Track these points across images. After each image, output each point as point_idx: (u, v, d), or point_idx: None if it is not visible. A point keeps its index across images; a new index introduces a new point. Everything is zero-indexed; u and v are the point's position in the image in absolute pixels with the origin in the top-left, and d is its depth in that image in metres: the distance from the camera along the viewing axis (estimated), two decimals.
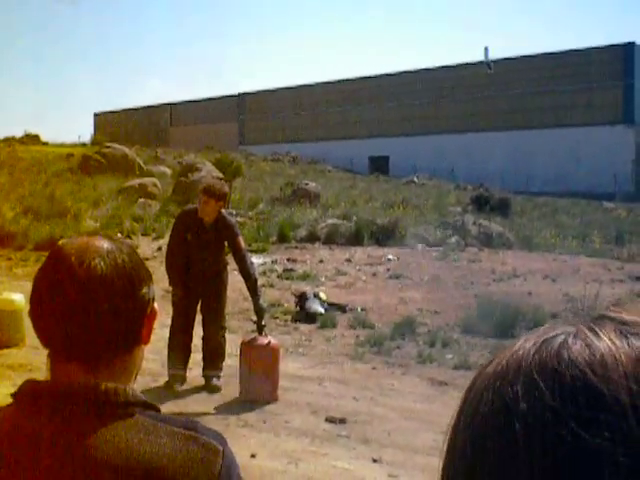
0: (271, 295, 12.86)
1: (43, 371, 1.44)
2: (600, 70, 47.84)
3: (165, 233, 8.31)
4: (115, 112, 79.17)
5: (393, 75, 59.69)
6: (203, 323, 8.19)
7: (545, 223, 24.40)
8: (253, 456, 6.09)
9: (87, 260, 1.36)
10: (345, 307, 12.15)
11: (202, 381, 8.07)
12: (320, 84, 64.19)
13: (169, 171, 29.48)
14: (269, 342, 7.73)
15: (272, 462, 6.05)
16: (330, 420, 7.09)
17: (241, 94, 70.17)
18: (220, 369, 8.14)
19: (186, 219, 8.02)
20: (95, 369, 1.37)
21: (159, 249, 14.88)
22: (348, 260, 16.39)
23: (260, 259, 15.98)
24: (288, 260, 16.17)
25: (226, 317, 8.67)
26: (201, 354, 8.19)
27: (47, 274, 1.39)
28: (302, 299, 11.90)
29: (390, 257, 16.70)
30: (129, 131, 66.36)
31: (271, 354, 7.69)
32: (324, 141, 59.09)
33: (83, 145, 45.12)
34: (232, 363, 8.10)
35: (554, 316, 10.95)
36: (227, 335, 8.58)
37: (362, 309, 12.17)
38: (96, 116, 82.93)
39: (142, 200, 22.68)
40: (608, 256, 17.72)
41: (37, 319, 1.38)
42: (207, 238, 7.84)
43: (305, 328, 11.10)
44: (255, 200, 25.07)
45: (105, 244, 1.41)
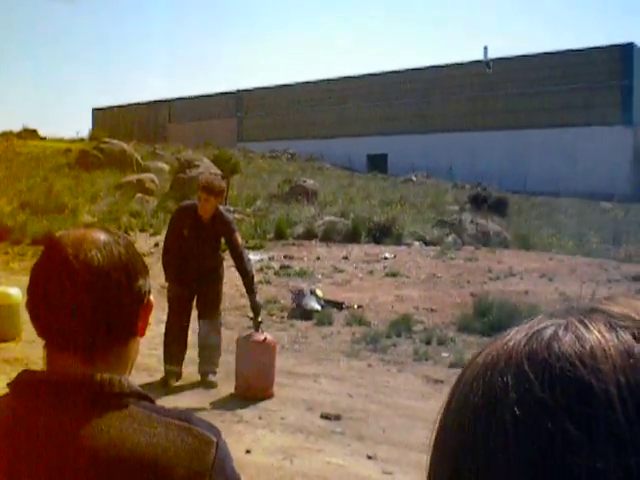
0: (268, 292, 12.87)
1: (39, 365, 1.45)
2: (599, 70, 47.81)
3: (162, 229, 8.31)
4: (113, 108, 78.97)
5: (392, 73, 59.60)
6: (199, 319, 8.19)
7: (542, 223, 24.42)
8: (248, 452, 6.10)
9: (83, 252, 1.37)
10: (341, 304, 12.16)
11: (198, 377, 8.08)
12: (319, 81, 64.08)
13: (167, 167, 29.44)
14: (265, 338, 7.73)
15: (267, 458, 6.06)
16: (325, 417, 7.11)
17: (239, 91, 70.02)
18: (216, 365, 8.15)
19: (184, 215, 8.01)
20: (90, 360, 1.38)
21: (156, 245, 14.88)
22: (345, 257, 16.40)
23: (257, 256, 15.99)
24: (285, 257, 16.18)
25: (222, 313, 8.68)
26: (197, 350, 8.19)
27: (44, 265, 1.40)
28: (299, 296, 11.91)
29: (387, 255, 16.71)
30: (127, 127, 66.22)
31: (267, 350, 7.69)
32: (322, 139, 58.99)
33: (81, 140, 44.99)
34: (228, 359, 8.10)
35: None
36: (223, 331, 8.59)
37: (358, 306, 12.17)
38: (94, 112, 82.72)
39: (140, 196, 22.67)
40: (605, 256, 17.74)
41: (33, 310, 1.39)
42: (204, 234, 7.83)
43: (301, 325, 11.11)
44: (253, 197, 25.07)
45: (102, 236, 1.42)
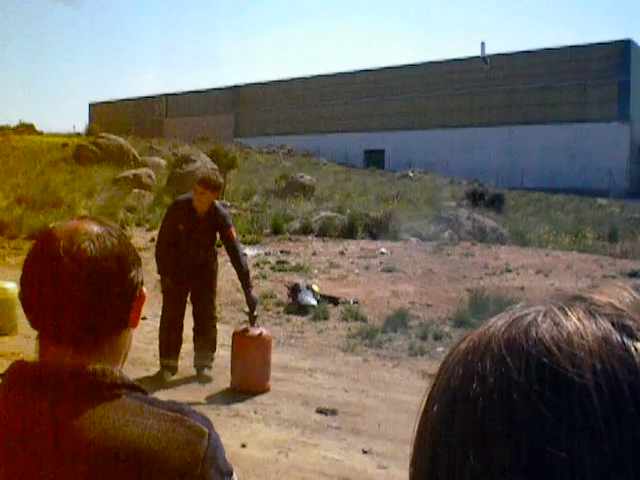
0: (264, 287, 12.87)
1: (31, 359, 1.46)
2: (596, 67, 47.88)
3: (159, 224, 8.32)
4: (110, 102, 78.98)
5: (389, 69, 59.62)
6: (194, 313, 8.19)
7: (539, 219, 24.45)
8: (244, 446, 6.11)
9: (76, 243, 1.37)
10: (337, 299, 12.17)
11: (193, 371, 8.08)
12: (316, 77, 64.08)
13: (164, 162, 29.44)
14: (261, 333, 7.74)
15: (262, 452, 6.07)
16: (321, 411, 7.11)
17: (237, 86, 70.02)
18: (211, 359, 8.15)
19: (179, 209, 8.00)
20: (83, 351, 1.38)
21: (152, 240, 14.87)
22: (341, 253, 16.40)
23: (253, 251, 16.00)
24: (281, 252, 16.18)
25: (217, 307, 8.68)
26: (192, 344, 8.19)
27: (37, 256, 1.40)
28: (295, 291, 11.91)
29: (383, 250, 16.72)
30: (124, 122, 66.15)
31: (263, 345, 7.70)
32: (319, 134, 59.04)
33: (78, 135, 44.96)
34: (224, 353, 8.11)
35: None
36: (219, 325, 8.60)
37: (354, 302, 12.18)
38: (91, 106, 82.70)
39: (136, 191, 22.66)
40: (601, 252, 17.76)
41: (26, 301, 1.39)
42: (199, 228, 7.83)
43: (297, 320, 11.11)
44: (249, 192, 25.07)
45: (95, 227, 1.42)
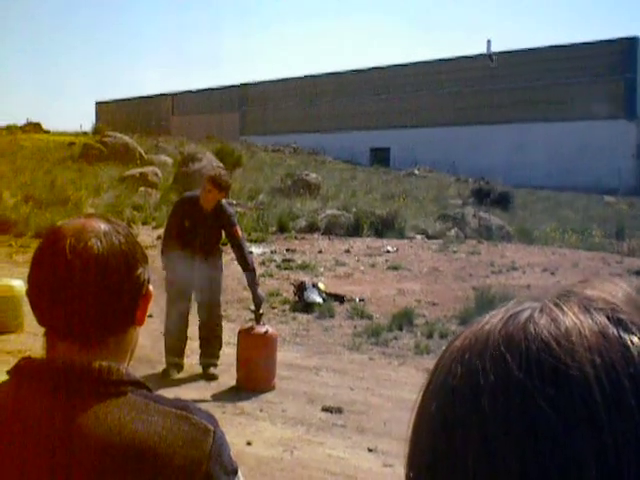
0: (270, 285, 12.88)
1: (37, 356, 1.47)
2: (602, 64, 47.72)
3: (165, 222, 8.35)
4: (117, 101, 79.00)
5: (395, 67, 59.54)
6: (199, 311, 8.19)
7: (546, 217, 24.39)
8: (249, 444, 6.12)
9: (83, 240, 1.38)
10: (343, 297, 12.17)
11: (199, 369, 8.10)
12: (322, 75, 64.00)
13: (170, 160, 29.44)
14: (267, 331, 7.75)
15: (268, 450, 6.08)
16: (326, 409, 7.13)
17: (243, 84, 69.99)
18: (217, 357, 8.17)
19: (186, 206, 8.02)
20: (89, 348, 1.39)
21: (159, 238, 14.87)
22: (347, 251, 16.40)
23: (259, 249, 16.01)
24: (287, 250, 16.18)
25: (222, 305, 8.69)
26: (198, 342, 8.20)
27: (44, 254, 1.41)
28: (301, 289, 11.92)
29: (389, 248, 16.71)
30: (131, 120, 66.14)
31: (269, 343, 7.72)
32: (325, 132, 58.99)
33: (84, 134, 44.94)
34: (230, 351, 8.12)
35: None
36: (225, 323, 8.61)
37: (360, 300, 12.18)
38: (98, 105, 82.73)
39: (143, 189, 22.68)
40: (608, 250, 17.72)
41: (34, 298, 1.41)
42: (205, 226, 7.84)
43: (303, 318, 11.12)
44: (255, 190, 25.05)
45: (102, 225, 1.43)
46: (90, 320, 1.38)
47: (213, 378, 7.96)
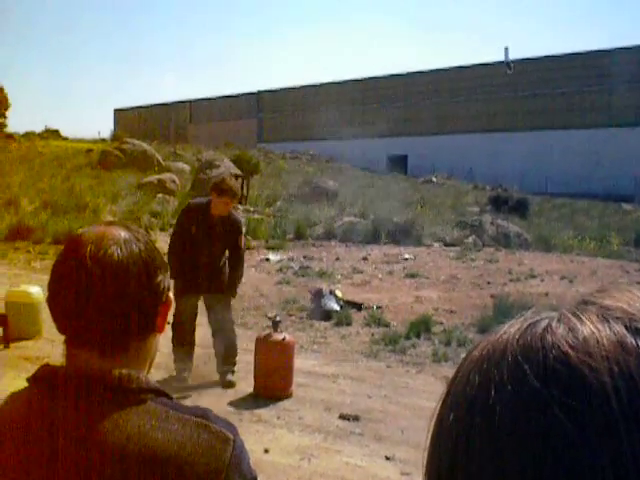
0: (287, 292, 12.89)
1: (58, 363, 1.46)
2: (620, 71, 47.53)
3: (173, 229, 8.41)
4: (135, 108, 79.42)
5: (413, 74, 59.58)
6: (210, 319, 8.13)
7: (563, 224, 24.30)
8: (266, 451, 6.11)
9: (103, 248, 1.38)
10: (361, 305, 12.15)
11: (216, 376, 8.09)
12: (339, 82, 64.14)
13: (188, 167, 29.56)
14: (284, 338, 7.73)
15: (285, 458, 6.07)
16: (344, 417, 7.10)
17: (260, 92, 70.23)
18: (233, 364, 8.14)
19: (193, 212, 7.97)
20: (109, 355, 1.39)
21: None
22: (364, 258, 16.38)
23: (277, 256, 16.03)
24: (305, 257, 16.19)
25: (237, 311, 8.66)
26: (210, 348, 8.17)
27: (64, 261, 1.41)
28: (318, 296, 11.91)
29: (407, 256, 16.68)
30: (149, 127, 66.51)
31: (286, 350, 7.69)
32: (343, 139, 59.04)
33: (103, 140, 45.27)
34: (247, 358, 8.11)
35: None
36: (242, 330, 8.62)
37: (378, 307, 12.16)
38: (116, 112, 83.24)
39: (160, 196, 22.77)
40: (626, 258, 17.63)
41: (54, 305, 1.40)
42: (214, 233, 7.80)
43: (320, 325, 11.10)
44: (273, 197, 25.12)
45: (122, 232, 1.43)
46: (110, 328, 1.37)
47: (230, 385, 7.94)
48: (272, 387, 7.57)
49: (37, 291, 9.51)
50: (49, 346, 8.67)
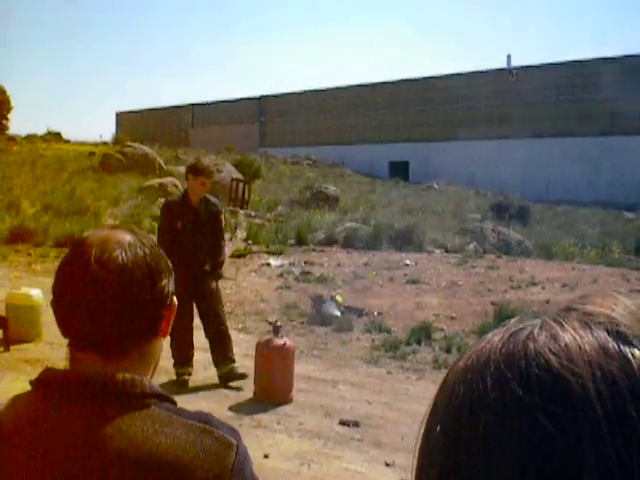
0: (288, 297, 12.88)
1: (59, 366, 1.46)
2: (622, 79, 47.54)
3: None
4: (137, 112, 79.46)
5: (415, 80, 59.62)
6: (201, 315, 8.06)
7: (565, 232, 24.27)
8: (266, 457, 6.10)
9: (108, 251, 1.38)
10: (361, 311, 12.13)
11: (215, 380, 8.06)
12: (341, 88, 64.18)
13: None
14: (284, 343, 7.73)
15: (285, 463, 6.06)
16: (344, 423, 7.09)
17: (262, 96, 70.27)
18: (232, 359, 8.06)
19: (173, 206, 8.00)
20: (113, 360, 1.38)
21: None
22: (365, 264, 16.37)
23: (278, 261, 16.02)
24: (305, 263, 16.17)
25: (239, 316, 8.65)
26: (207, 353, 8.11)
27: (69, 264, 1.41)
28: (318, 302, 11.90)
29: (408, 262, 16.66)
30: (150, 131, 66.54)
31: (286, 355, 7.69)
32: (344, 145, 59.07)
33: (104, 144, 45.32)
34: (247, 363, 8.10)
35: None
36: (242, 335, 8.60)
37: (378, 313, 12.14)
38: (118, 115, 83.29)
39: (162, 200, 22.74)
40: (627, 266, 17.60)
41: (58, 309, 1.40)
42: (199, 223, 7.82)
43: (321, 331, 11.09)
44: (274, 202, 25.12)
45: (127, 236, 1.43)
46: (114, 331, 1.37)
47: (242, 377, 7.88)
48: (272, 392, 7.57)
49: (37, 294, 9.51)
50: (49, 349, 8.68)
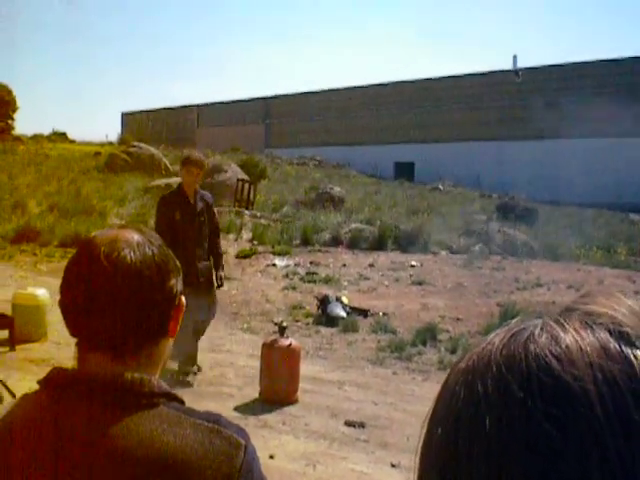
0: (293, 298, 12.88)
1: (65, 366, 1.45)
2: (629, 81, 47.50)
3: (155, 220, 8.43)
4: (143, 112, 79.49)
5: (420, 81, 59.58)
6: (195, 316, 8.04)
7: (570, 233, 24.23)
8: (272, 457, 6.10)
9: (116, 251, 1.37)
10: (367, 312, 12.13)
11: (220, 379, 8.07)
12: (347, 89, 64.15)
13: None
14: (290, 344, 7.73)
15: (290, 464, 6.06)
16: (349, 424, 7.09)
17: (268, 97, 70.29)
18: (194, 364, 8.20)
19: (169, 200, 8.19)
20: (121, 359, 1.38)
21: None
22: (371, 265, 16.36)
23: (283, 262, 16.02)
24: (311, 263, 16.17)
25: (243, 316, 8.65)
26: (216, 354, 8.14)
27: (77, 264, 1.40)
28: (324, 302, 11.89)
29: (413, 263, 16.65)
30: (156, 131, 66.58)
31: (292, 356, 7.69)
32: (350, 146, 59.04)
33: (110, 144, 45.36)
34: (253, 364, 8.11)
35: None
36: (248, 335, 8.59)
37: (384, 314, 12.14)
38: (124, 116, 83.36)
39: None
40: (633, 268, 17.57)
41: (66, 308, 1.40)
42: (196, 215, 7.99)
43: (327, 331, 11.09)
44: (279, 203, 25.11)
45: (135, 236, 1.42)
46: (122, 331, 1.37)
47: (188, 385, 7.93)
48: (278, 392, 7.57)
49: (43, 294, 9.52)
50: (55, 349, 8.68)
